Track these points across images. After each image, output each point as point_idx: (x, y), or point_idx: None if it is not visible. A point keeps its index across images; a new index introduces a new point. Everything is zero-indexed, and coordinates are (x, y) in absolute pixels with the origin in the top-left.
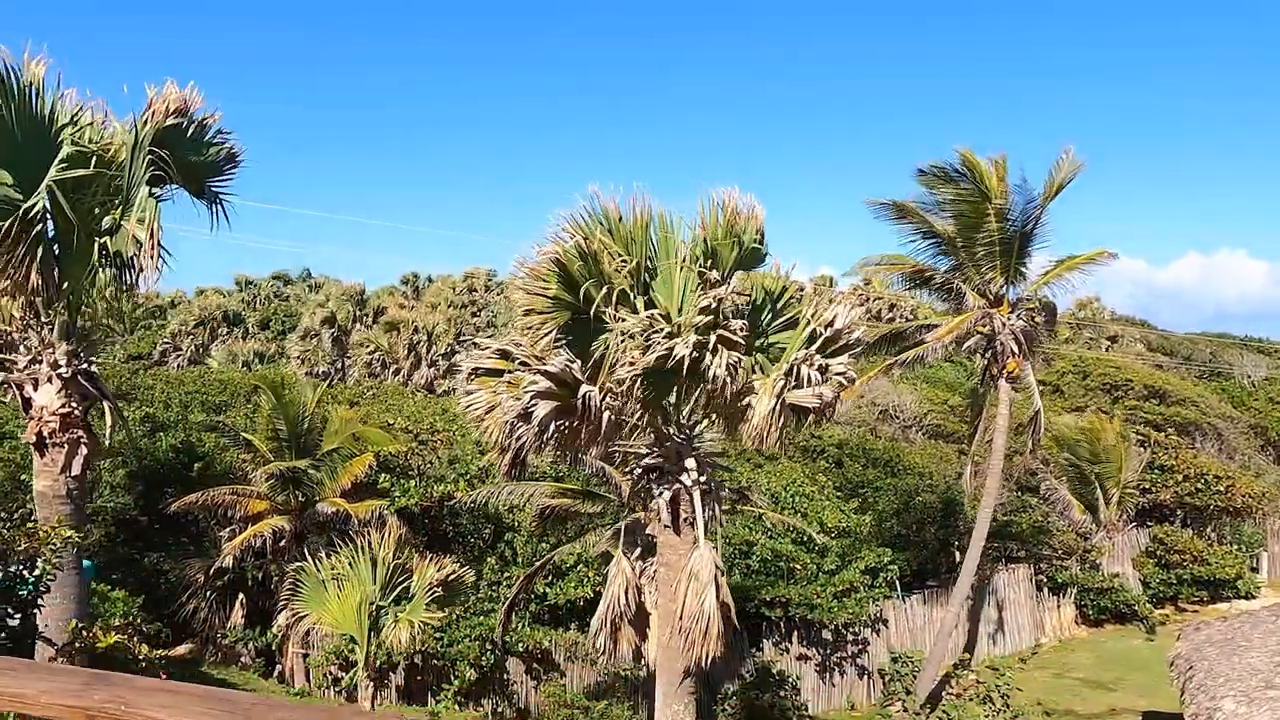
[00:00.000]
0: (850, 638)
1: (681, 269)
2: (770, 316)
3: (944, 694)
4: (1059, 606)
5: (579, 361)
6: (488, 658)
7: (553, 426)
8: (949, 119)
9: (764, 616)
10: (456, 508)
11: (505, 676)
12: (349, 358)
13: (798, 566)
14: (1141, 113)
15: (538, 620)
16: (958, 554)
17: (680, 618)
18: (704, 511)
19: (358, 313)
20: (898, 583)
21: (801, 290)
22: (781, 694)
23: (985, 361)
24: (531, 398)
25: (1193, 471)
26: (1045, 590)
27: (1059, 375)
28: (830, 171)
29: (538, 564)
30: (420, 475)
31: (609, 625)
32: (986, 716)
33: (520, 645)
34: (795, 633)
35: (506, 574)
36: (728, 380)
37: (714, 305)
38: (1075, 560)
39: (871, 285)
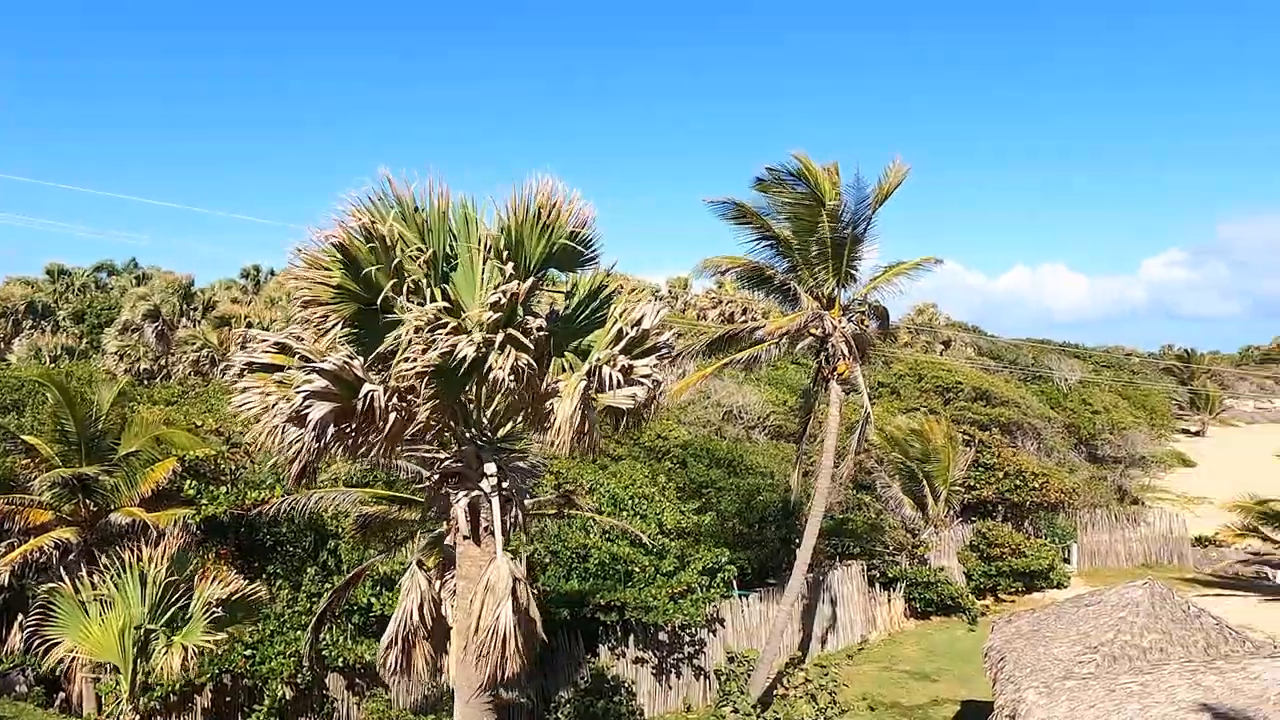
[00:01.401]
0: (687, 639)
1: (485, 261)
2: (587, 316)
3: (775, 692)
4: (889, 601)
5: (362, 358)
6: (304, 675)
7: (332, 430)
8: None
9: (600, 621)
10: (276, 515)
11: (325, 693)
12: (174, 355)
13: (636, 569)
14: (979, 138)
15: (363, 632)
16: (798, 552)
17: (475, 633)
18: (506, 520)
19: (185, 306)
20: (734, 582)
21: (618, 289)
22: (617, 699)
23: (818, 363)
24: (305, 398)
25: (1013, 469)
26: (877, 585)
27: (897, 377)
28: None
29: (350, 575)
30: (233, 481)
31: (401, 643)
32: (814, 714)
33: (341, 660)
34: (632, 636)
35: (328, 584)
36: (513, 383)
37: (505, 301)
38: (905, 555)
39: (724, 288)
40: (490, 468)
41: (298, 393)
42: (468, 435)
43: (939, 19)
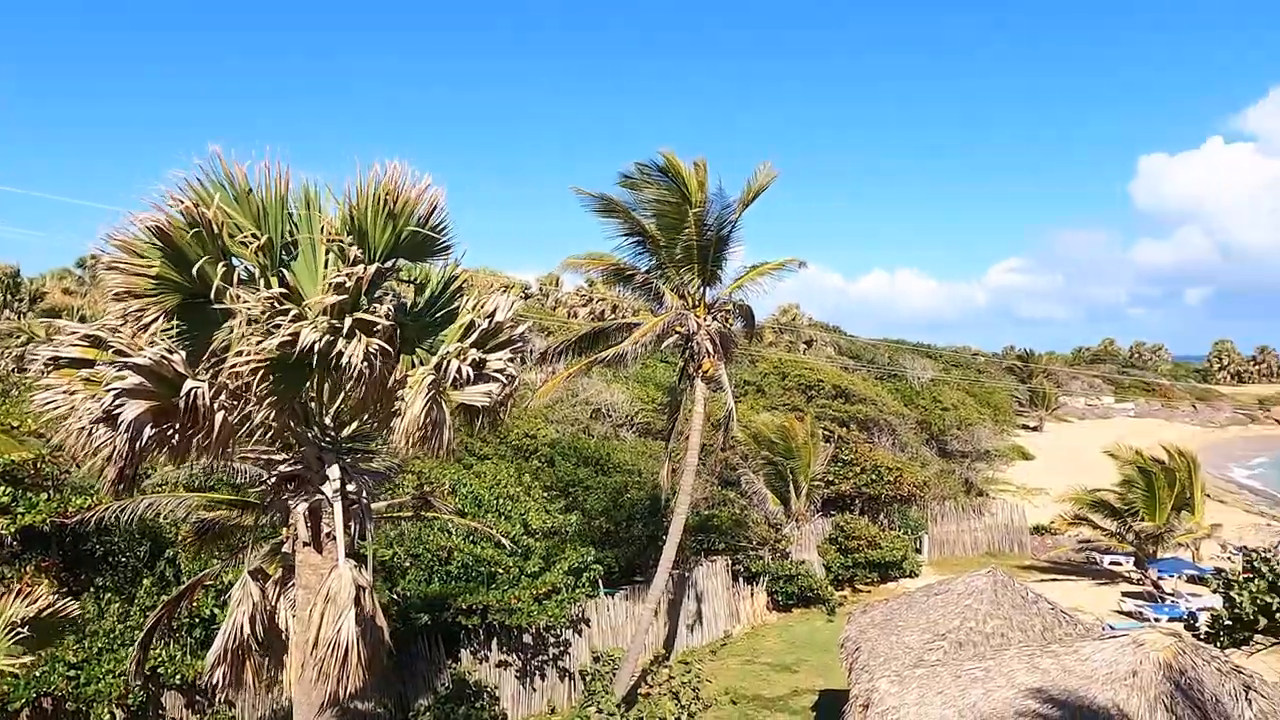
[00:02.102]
0: (552, 640)
1: (326, 249)
2: (440, 310)
3: (639, 690)
4: (753, 595)
5: (183, 353)
6: (136, 695)
7: (151, 431)
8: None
9: (462, 625)
10: (104, 523)
11: (161, 713)
12: None
13: (500, 571)
14: (837, 149)
15: (205, 646)
16: (664, 549)
17: (315, 647)
18: (351, 525)
19: (9, 298)
20: (601, 581)
21: (469, 281)
22: (479, 705)
23: (684, 361)
24: (117, 397)
25: (870, 464)
26: (741, 580)
27: (762, 376)
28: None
29: (184, 587)
30: (57, 487)
31: (230, 658)
32: (677, 711)
33: (178, 677)
34: (495, 639)
35: (166, 597)
36: (366, 371)
37: (350, 285)
38: (768, 550)
39: (595, 286)
40: (333, 470)
41: (108, 391)
42: (309, 436)
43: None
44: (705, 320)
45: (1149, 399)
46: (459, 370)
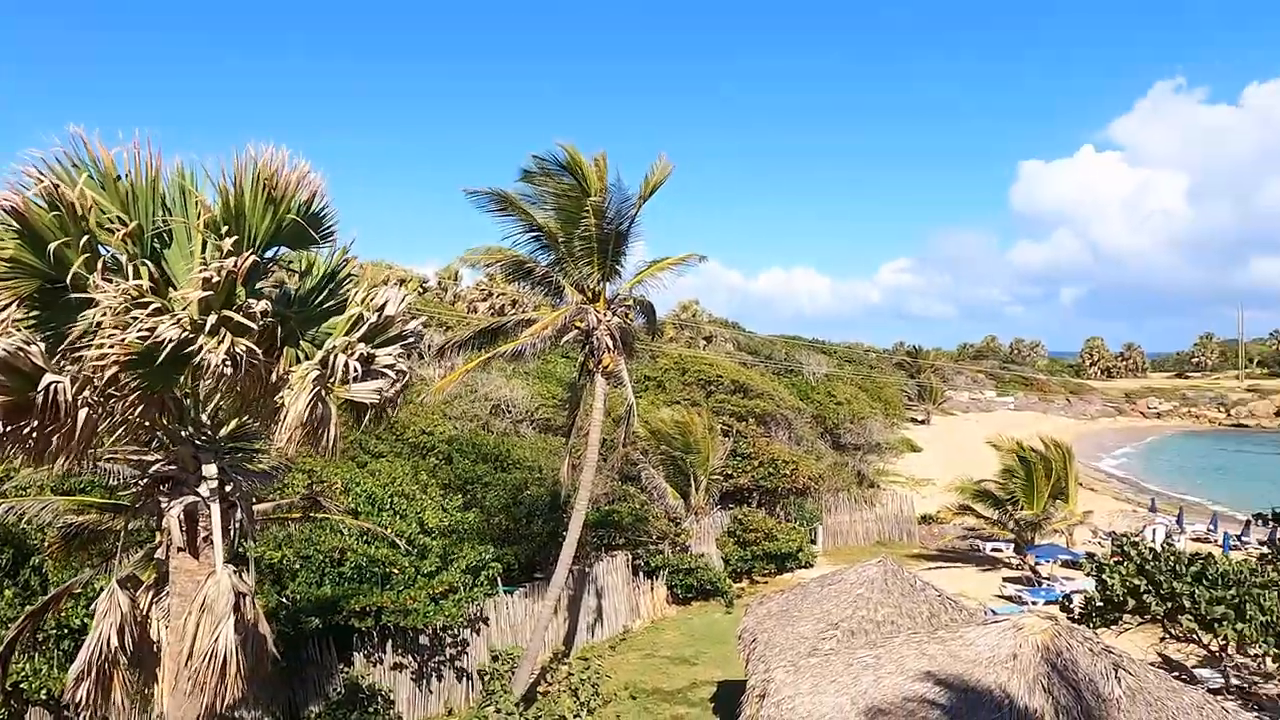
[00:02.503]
0: (449, 640)
1: (202, 237)
2: (325, 300)
3: (539, 688)
4: (653, 589)
5: (42, 344)
6: None
7: (2, 429)
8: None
9: (355, 628)
10: None
11: None
12: None
13: (395, 571)
14: (737, 146)
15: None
16: (564, 546)
17: (190, 657)
18: (230, 529)
19: None
20: (500, 579)
21: (356, 272)
22: (372, 709)
23: (584, 356)
24: None
25: (767, 457)
26: (641, 574)
27: (662, 371)
28: None
29: (49, 596)
30: None
31: (95, 673)
32: (576, 708)
33: (44, 692)
34: (390, 641)
35: (30, 607)
36: (229, 371)
37: (220, 280)
38: (668, 544)
39: (495, 281)
40: (210, 470)
41: None
42: (183, 435)
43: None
44: (605, 315)
45: (1027, 393)
46: (346, 366)
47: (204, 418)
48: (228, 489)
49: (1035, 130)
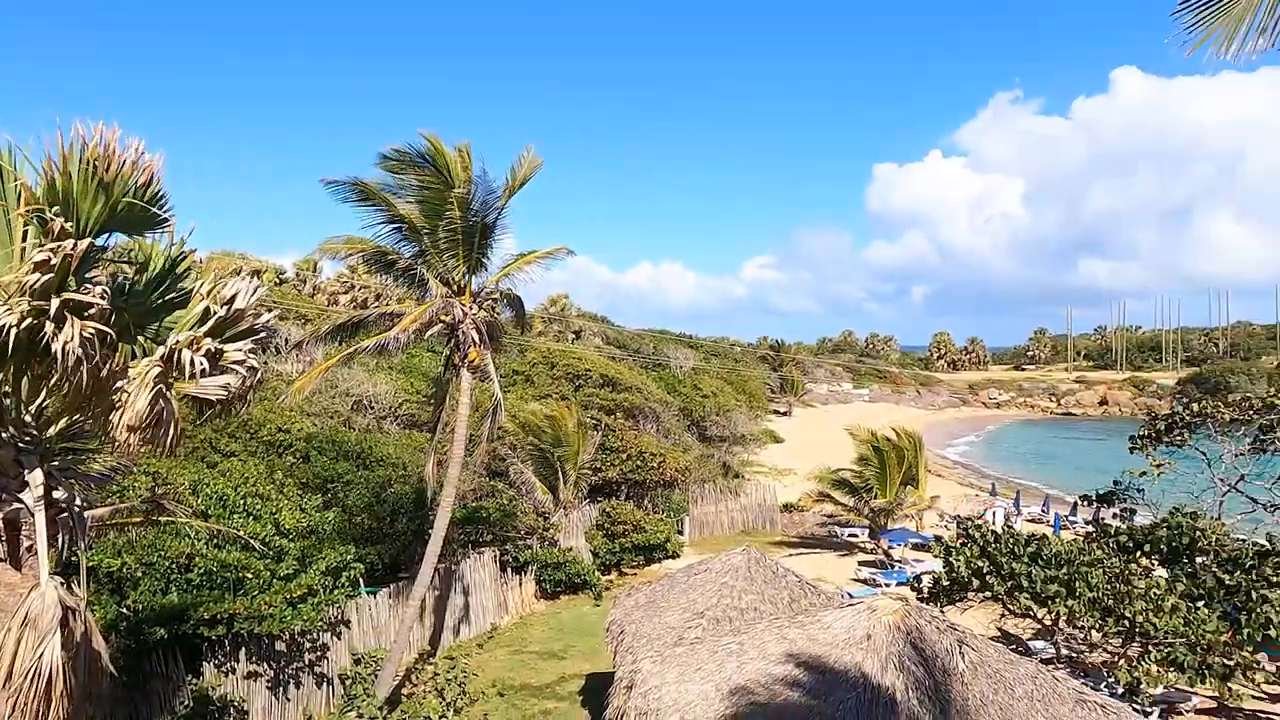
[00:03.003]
0: (308, 645)
1: (25, 220)
2: (164, 292)
3: (403, 690)
4: (521, 584)
5: None
6: None
7: None
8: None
9: (205, 637)
10: None
11: None
12: None
13: (249, 575)
14: (610, 141)
15: None
16: (429, 544)
17: (9, 679)
18: (60, 537)
19: None
20: (362, 580)
21: (199, 262)
22: None
23: (450, 350)
24: None
25: (636, 451)
26: (509, 570)
27: (531, 365)
28: None
29: None
30: None
31: None
32: (441, 708)
33: None
34: (244, 649)
35: None
36: (81, 360)
37: (57, 261)
38: (537, 538)
39: (357, 273)
40: (35, 476)
41: None
42: (3, 436)
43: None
44: (471, 309)
45: (882, 385)
46: (192, 362)
47: (27, 417)
48: (55, 494)
49: (890, 134)
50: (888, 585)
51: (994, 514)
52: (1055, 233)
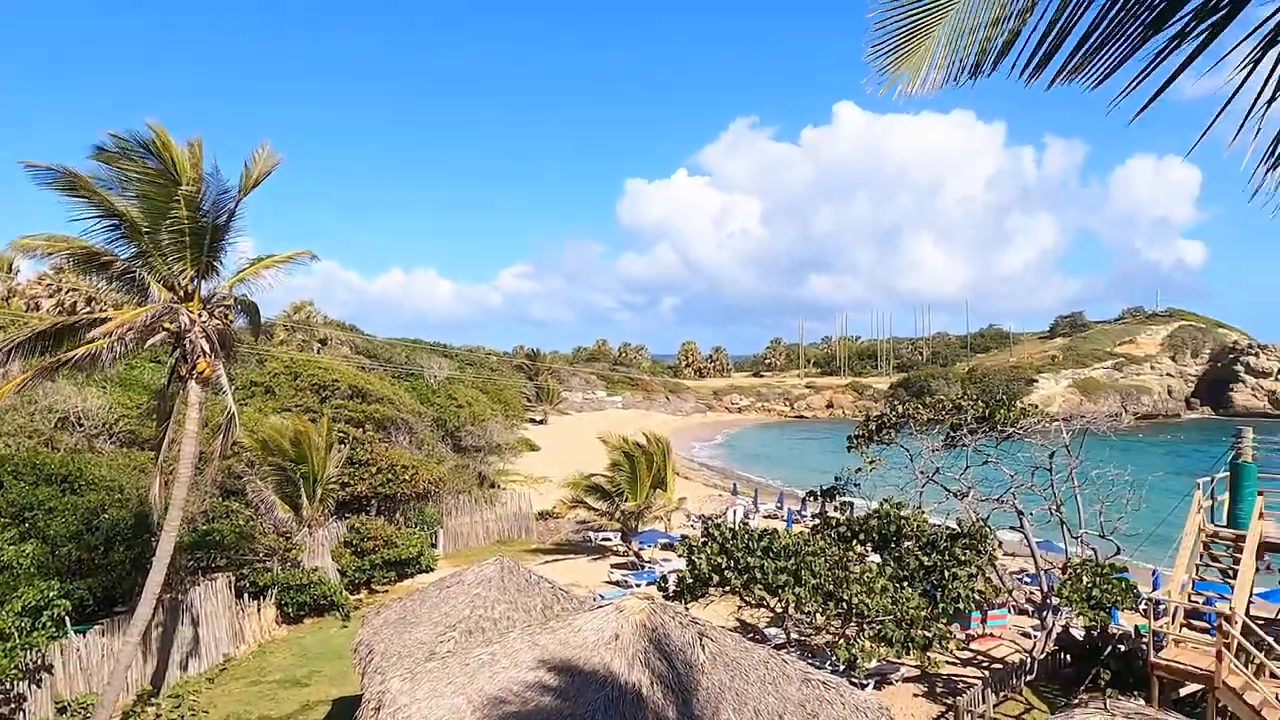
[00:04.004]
0: (0, 698)
1: None
2: None
3: None
4: (259, 610)
5: None
6: None
7: None
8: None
9: None
10: None
11: None
12: None
13: None
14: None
15: None
16: (150, 574)
17: None
18: None
19: None
20: (68, 619)
21: None
22: None
23: (175, 361)
24: None
25: (387, 463)
26: (246, 596)
27: (271, 376)
28: None
29: None
30: None
31: None
32: None
33: None
34: None
35: None
36: None
37: None
38: (277, 560)
39: (65, 274)
40: None
41: None
42: None
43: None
44: (201, 316)
45: (634, 392)
46: None
47: None
48: None
49: (640, 151)
50: (638, 586)
51: (734, 512)
52: (789, 249)
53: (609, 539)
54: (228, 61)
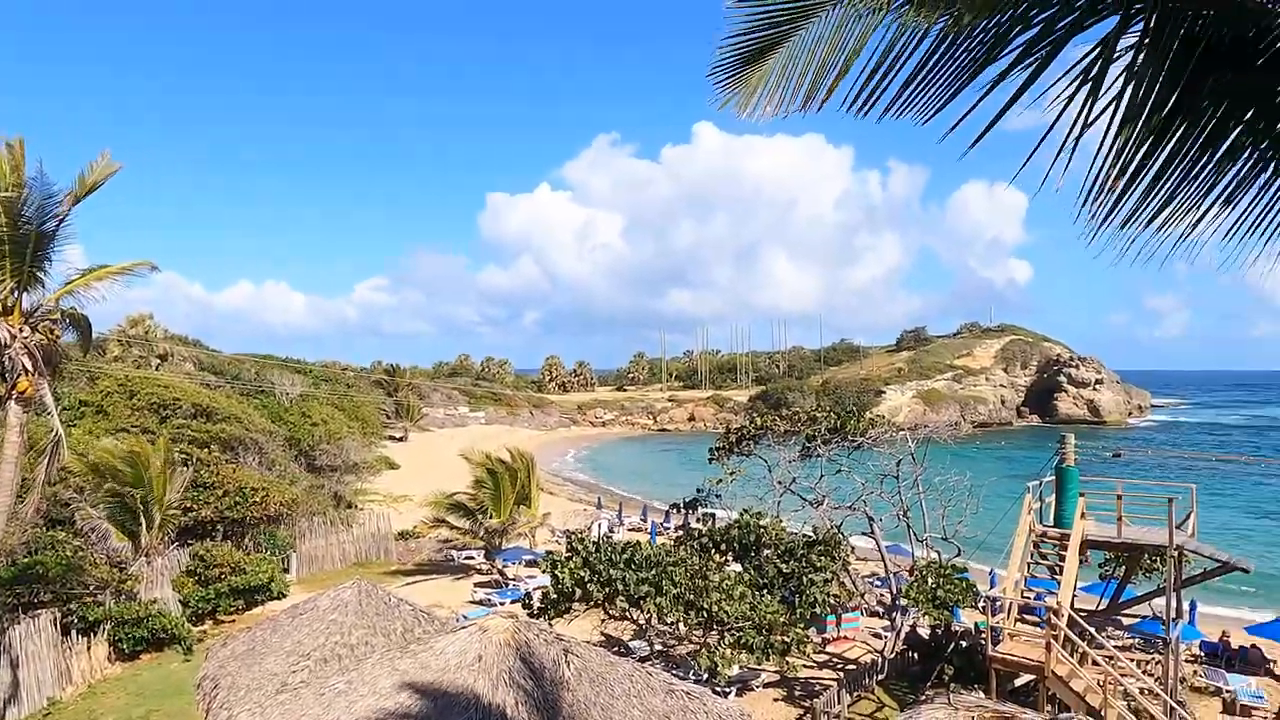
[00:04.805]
0: None
1: None
2: None
3: None
4: (89, 648)
5: None
6: None
7: None
8: None
9: None
10: None
11: None
12: None
13: None
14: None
15: None
16: None
17: None
18: None
19: None
20: None
21: None
22: None
23: None
24: None
25: (234, 486)
26: (75, 633)
27: (104, 395)
28: None
29: None
30: None
31: None
32: None
33: None
34: None
35: None
36: None
37: None
38: (111, 593)
39: None
40: None
41: None
42: None
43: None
44: (22, 331)
45: (497, 407)
46: None
47: None
48: None
49: (502, 165)
50: (502, 604)
51: (599, 526)
52: (650, 263)
53: (472, 557)
54: (74, 64)
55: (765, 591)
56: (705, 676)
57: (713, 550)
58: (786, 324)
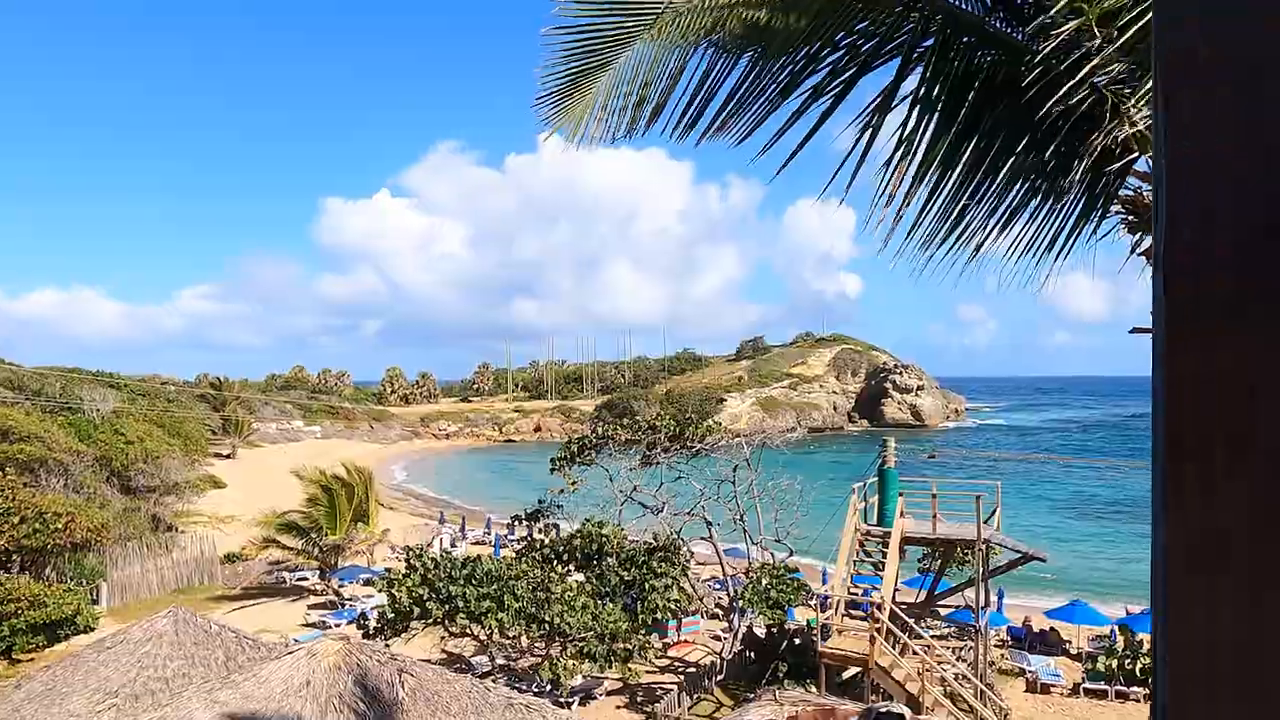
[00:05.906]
0: None
1: None
2: None
3: None
4: None
5: None
6: None
7: None
8: None
9: None
10: None
11: None
12: None
13: None
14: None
15: None
16: None
17: None
18: None
19: None
20: None
21: None
22: None
23: None
24: None
25: (33, 511)
26: None
27: None
28: None
29: None
30: None
31: None
32: None
33: None
34: None
35: None
36: None
37: None
38: None
39: None
40: None
41: None
42: None
43: None
44: None
45: (334, 421)
46: None
47: None
48: None
49: (339, 169)
50: (337, 625)
51: (440, 541)
52: (494, 273)
53: (306, 578)
54: None
55: (608, 600)
56: (548, 688)
57: (555, 561)
58: (632, 334)
